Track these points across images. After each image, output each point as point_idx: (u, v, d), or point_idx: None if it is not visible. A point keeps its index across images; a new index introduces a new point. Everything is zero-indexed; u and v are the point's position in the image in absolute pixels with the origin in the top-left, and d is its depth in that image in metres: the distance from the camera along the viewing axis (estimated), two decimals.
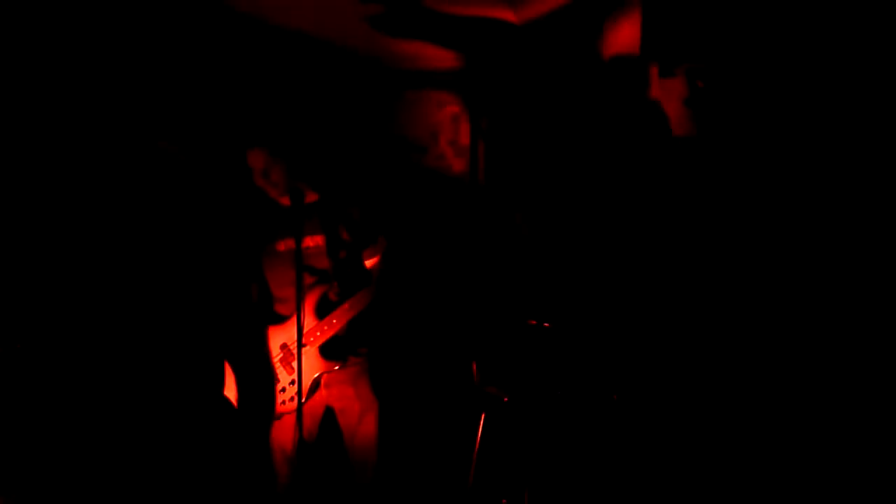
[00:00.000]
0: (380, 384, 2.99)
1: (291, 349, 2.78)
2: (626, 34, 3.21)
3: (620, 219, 2.80)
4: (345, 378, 2.90)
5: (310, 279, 2.81)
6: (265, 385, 2.77)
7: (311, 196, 2.90)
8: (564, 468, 2.88)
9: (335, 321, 2.78)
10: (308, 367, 2.76)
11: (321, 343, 2.79)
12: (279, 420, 2.81)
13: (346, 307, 2.78)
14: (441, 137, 4.03)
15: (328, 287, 2.81)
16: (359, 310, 2.79)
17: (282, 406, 2.79)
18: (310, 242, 2.83)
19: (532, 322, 3.02)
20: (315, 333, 2.78)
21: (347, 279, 2.84)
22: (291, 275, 2.67)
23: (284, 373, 2.79)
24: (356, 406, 2.92)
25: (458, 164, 4.02)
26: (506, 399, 3.02)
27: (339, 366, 2.84)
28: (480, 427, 3.01)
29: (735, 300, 2.53)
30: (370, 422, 2.94)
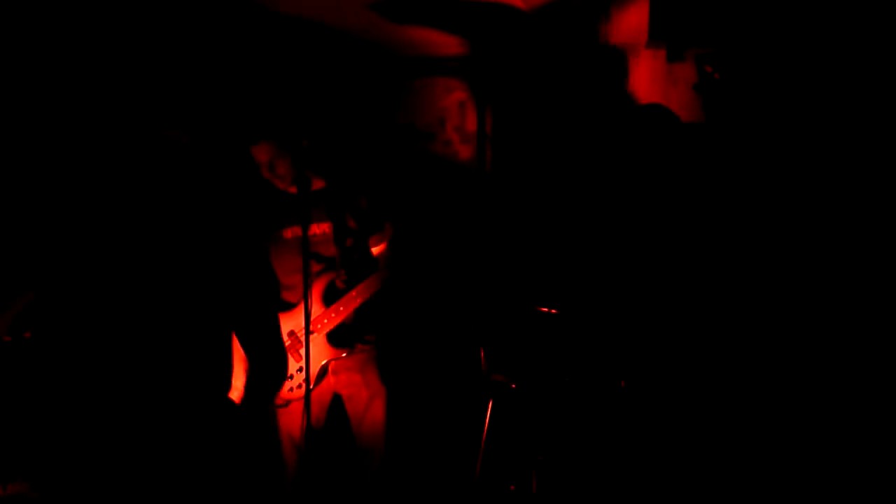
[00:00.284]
0: (387, 371, 2.99)
1: (299, 336, 2.78)
2: (635, 19, 3.19)
3: (628, 205, 2.78)
4: (352, 365, 2.90)
5: (317, 267, 2.81)
6: (278, 367, 2.76)
7: (318, 183, 2.89)
8: (572, 455, 2.88)
9: (342, 308, 2.78)
10: (315, 355, 2.77)
11: (328, 330, 2.80)
12: (287, 407, 2.82)
13: (354, 294, 2.78)
14: (448, 124, 4.01)
15: (335, 274, 2.81)
16: (366, 297, 2.79)
17: (289, 393, 2.79)
18: (316, 230, 2.83)
19: (540, 309, 3.01)
20: (322, 321, 2.78)
21: (354, 266, 2.84)
22: (298, 262, 2.67)
23: (292, 360, 2.80)
24: (364, 393, 2.93)
25: (465, 151, 4.01)
26: (513, 386, 3.01)
27: (347, 353, 2.84)
28: (488, 414, 3.01)
29: (744, 288, 2.52)
30: (378, 409, 2.95)
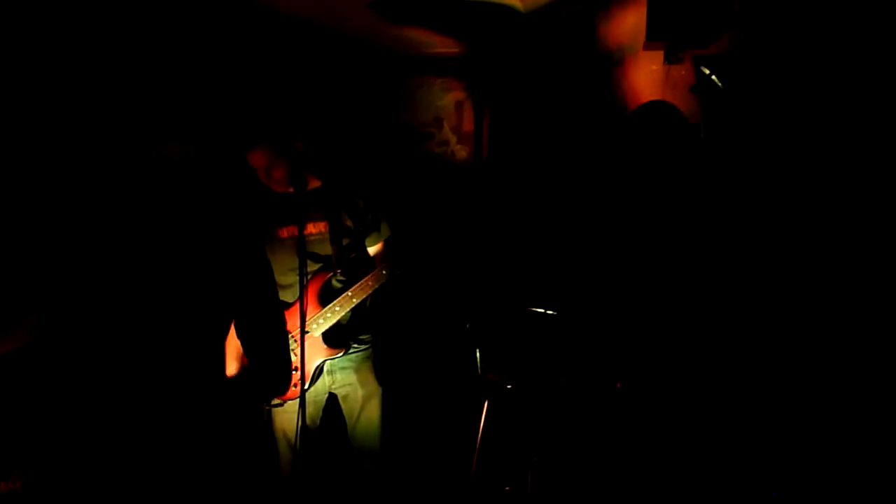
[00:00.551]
0: (383, 371, 2.99)
1: (294, 336, 2.78)
2: (632, 21, 3.20)
3: (624, 206, 2.79)
4: (348, 365, 2.90)
5: (313, 266, 2.81)
6: (283, 363, 2.75)
7: (314, 183, 2.89)
8: (568, 456, 2.88)
9: (338, 308, 2.78)
10: (311, 354, 2.77)
11: (324, 330, 2.79)
12: (282, 407, 2.82)
13: (349, 294, 2.78)
14: (445, 123, 4.01)
15: (331, 274, 2.81)
16: (362, 297, 2.79)
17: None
18: (312, 229, 2.82)
19: (535, 309, 3.02)
20: (318, 320, 2.78)
21: (350, 266, 2.84)
22: (294, 261, 2.67)
23: None
24: (359, 393, 2.93)
25: (462, 151, 4.01)
26: (509, 386, 3.02)
27: (343, 352, 2.84)
28: (484, 414, 3.01)
29: (739, 289, 2.52)
30: (373, 408, 2.95)
